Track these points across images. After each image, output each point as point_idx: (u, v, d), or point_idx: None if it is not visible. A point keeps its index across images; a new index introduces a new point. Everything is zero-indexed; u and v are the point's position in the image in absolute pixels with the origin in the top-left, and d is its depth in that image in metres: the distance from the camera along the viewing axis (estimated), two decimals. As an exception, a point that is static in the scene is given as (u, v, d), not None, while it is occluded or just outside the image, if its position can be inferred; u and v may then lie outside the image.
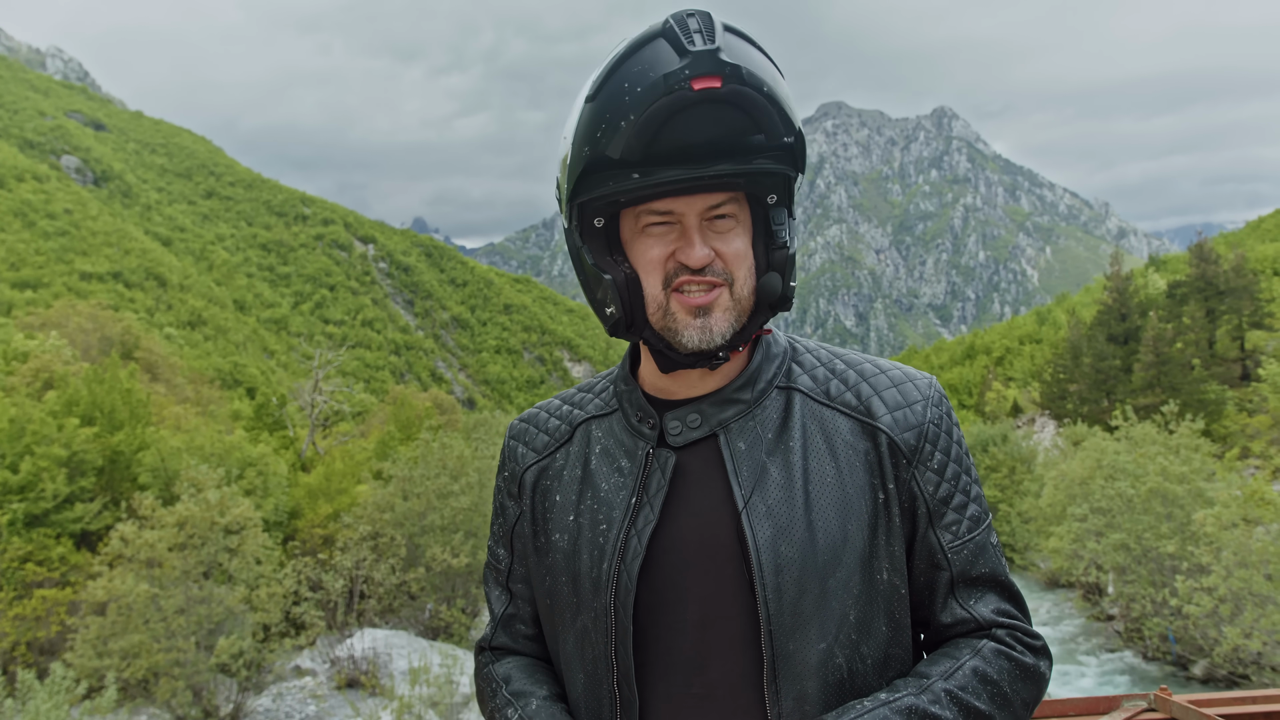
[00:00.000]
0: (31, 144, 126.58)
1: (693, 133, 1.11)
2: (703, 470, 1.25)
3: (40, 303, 58.33)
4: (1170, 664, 16.28)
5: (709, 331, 1.18)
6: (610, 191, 1.14)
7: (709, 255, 1.17)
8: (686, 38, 1.08)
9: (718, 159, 1.12)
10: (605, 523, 1.25)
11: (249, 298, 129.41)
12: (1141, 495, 16.59)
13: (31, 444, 16.43)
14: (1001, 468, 28.87)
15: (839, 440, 1.25)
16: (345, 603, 18.34)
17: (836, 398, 1.29)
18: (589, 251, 1.21)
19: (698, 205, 1.17)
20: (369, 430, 36.84)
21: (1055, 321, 74.75)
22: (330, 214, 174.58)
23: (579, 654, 1.27)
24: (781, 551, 1.18)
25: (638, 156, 1.12)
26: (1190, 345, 37.25)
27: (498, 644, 1.44)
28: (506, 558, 1.44)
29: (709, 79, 1.07)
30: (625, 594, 1.21)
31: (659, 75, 1.08)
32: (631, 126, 1.10)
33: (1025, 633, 1.26)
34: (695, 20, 1.10)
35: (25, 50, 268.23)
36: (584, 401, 1.41)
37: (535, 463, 1.39)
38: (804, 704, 1.17)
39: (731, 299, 1.19)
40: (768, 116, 1.11)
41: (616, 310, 1.21)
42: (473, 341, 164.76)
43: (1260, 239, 63.70)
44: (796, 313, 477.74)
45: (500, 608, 1.44)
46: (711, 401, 1.28)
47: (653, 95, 1.08)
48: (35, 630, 14.30)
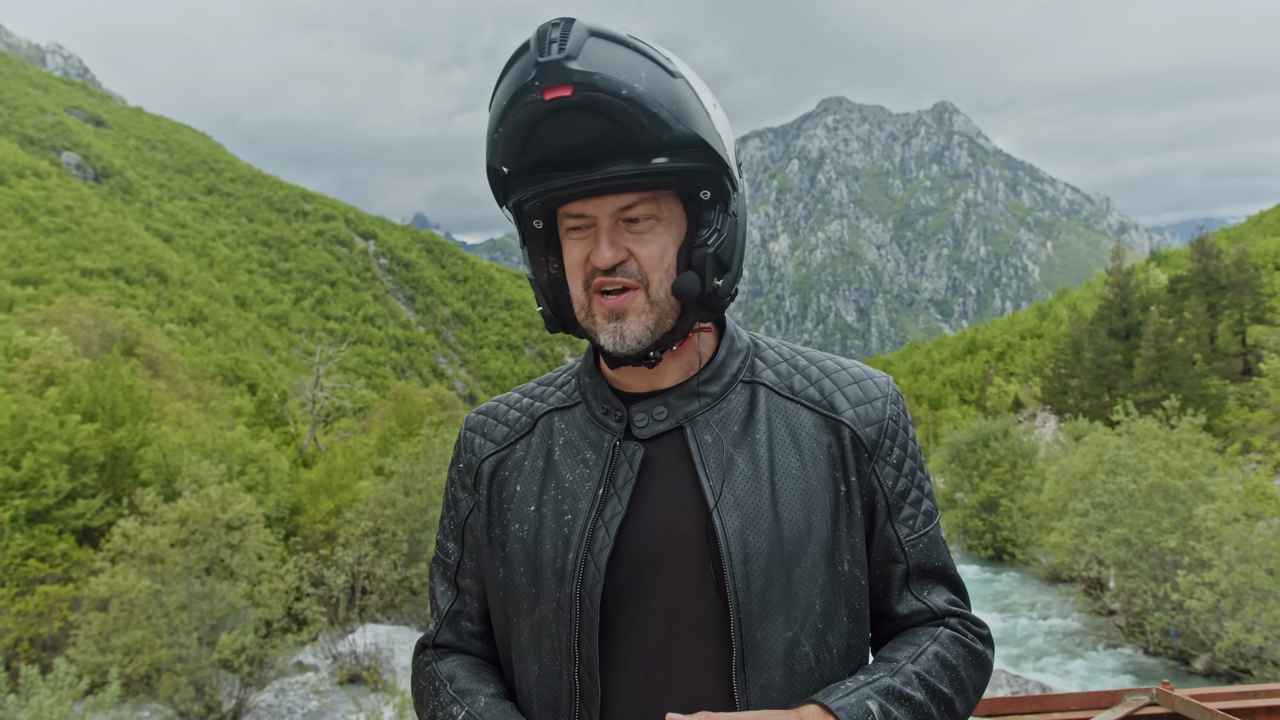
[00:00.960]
0: (32, 140, 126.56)
1: (557, 141, 1.12)
2: (670, 462, 1.27)
3: (41, 299, 58.35)
4: (1172, 659, 16.29)
5: (620, 335, 1.20)
6: (519, 198, 1.20)
7: (618, 256, 1.18)
8: (541, 49, 1.09)
9: (615, 160, 1.13)
10: (570, 513, 1.25)
11: (250, 294, 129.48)
12: (1143, 490, 16.58)
13: (33, 440, 16.45)
14: (1003, 463, 28.83)
15: (803, 433, 1.28)
16: (347, 598, 18.37)
17: (800, 392, 1.32)
18: (527, 253, 1.27)
19: (608, 207, 1.18)
20: (370, 426, 36.86)
21: (1056, 316, 74.72)
22: (331, 210, 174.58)
23: (534, 646, 1.26)
24: (749, 541, 1.20)
25: (514, 165, 1.16)
26: (1191, 340, 37.22)
27: (442, 641, 1.40)
28: (456, 552, 1.41)
29: (559, 88, 1.08)
30: (593, 584, 1.21)
31: (517, 88, 1.10)
32: (502, 139, 1.14)
33: (974, 622, 1.32)
34: (556, 29, 1.10)
35: (25, 46, 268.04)
36: (545, 394, 1.42)
37: (493, 454, 1.38)
38: (770, 692, 1.18)
39: (648, 301, 1.20)
40: (629, 118, 1.10)
41: (546, 309, 1.27)
42: (474, 337, 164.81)
43: (1262, 234, 63.66)
44: (797, 308, 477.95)
45: (446, 604, 1.41)
46: (678, 394, 1.29)
47: (513, 108, 1.11)
48: (38, 626, 14.33)
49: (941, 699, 1.21)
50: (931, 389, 79.06)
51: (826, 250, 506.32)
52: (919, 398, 75.27)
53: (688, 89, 1.15)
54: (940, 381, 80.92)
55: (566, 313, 1.26)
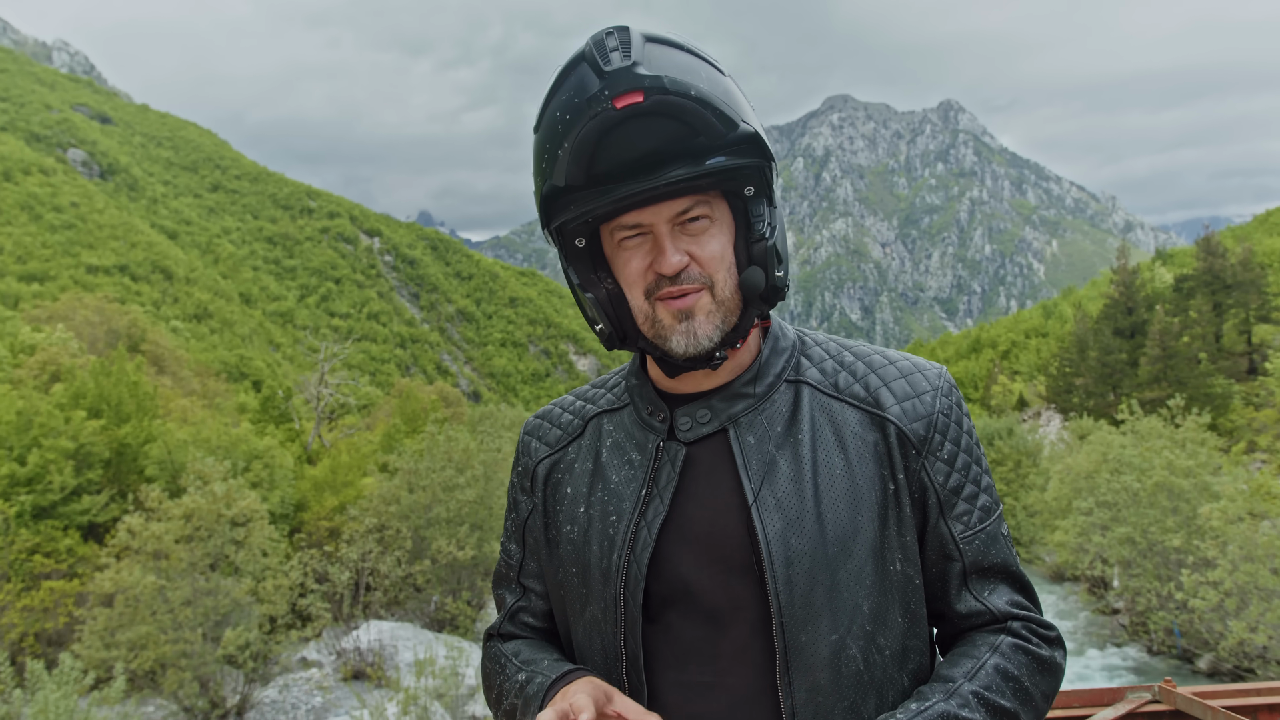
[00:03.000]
0: (38, 137, 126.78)
1: (628, 149, 1.12)
2: (712, 464, 1.27)
3: (47, 296, 58.49)
4: (1175, 658, 16.27)
5: (693, 336, 1.20)
6: (573, 215, 1.17)
7: (682, 262, 1.18)
8: (603, 58, 1.10)
9: (669, 165, 1.13)
10: (615, 514, 1.27)
11: (255, 291, 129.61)
12: (1147, 489, 16.55)
13: (39, 436, 16.50)
14: (1007, 461, 28.83)
15: (848, 432, 1.27)
16: (351, 595, 18.40)
17: (845, 390, 1.30)
18: (574, 273, 1.25)
19: (665, 213, 1.18)
20: (375, 423, 36.92)
21: (1061, 315, 74.53)
22: (336, 207, 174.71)
23: (588, 644, 1.30)
24: (792, 544, 1.19)
25: (581, 180, 1.14)
26: (1197, 339, 37.12)
27: (505, 631, 1.46)
28: (518, 553, 1.46)
29: (630, 95, 1.08)
30: (635, 584, 1.23)
31: (583, 100, 1.10)
32: (567, 154, 1.12)
33: (1040, 624, 1.27)
34: (613, 38, 1.11)
35: (32, 44, 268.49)
36: (596, 396, 1.44)
37: (547, 456, 1.42)
38: (817, 695, 1.18)
39: (714, 301, 1.21)
40: (700, 119, 1.11)
41: (606, 326, 1.25)
42: (478, 335, 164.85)
43: (1268, 233, 63.40)
44: (802, 306, 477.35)
45: (511, 599, 1.46)
46: (721, 396, 1.29)
47: (579, 120, 1.10)
48: (43, 621, 14.37)
49: (1003, 715, 1.18)
50: (936, 387, 78.79)
51: (831, 248, 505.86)
52: (923, 396, 75.01)
53: (735, 86, 1.18)
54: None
55: (627, 326, 1.25)
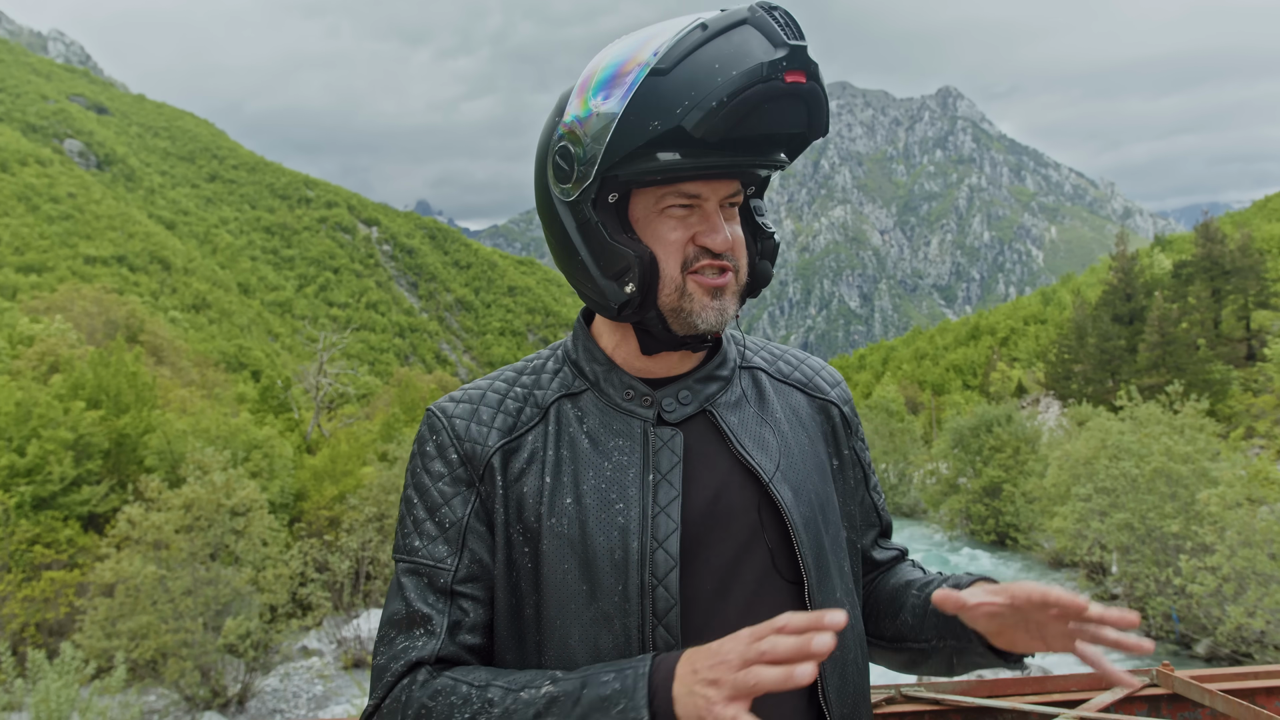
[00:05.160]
0: (34, 128, 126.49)
1: (769, 123, 1.11)
2: (702, 445, 1.26)
3: (45, 286, 58.48)
4: (1174, 643, 16.32)
5: (723, 314, 1.21)
6: (669, 165, 1.13)
7: (729, 240, 1.20)
8: (783, 29, 1.09)
9: (775, 148, 1.17)
10: (621, 501, 1.21)
11: (253, 281, 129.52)
12: (1146, 475, 16.58)
13: (38, 427, 16.51)
14: (1006, 448, 28.80)
15: (801, 413, 1.37)
16: (351, 584, 18.44)
17: (789, 376, 1.41)
18: (604, 226, 1.19)
19: (721, 191, 1.19)
20: (374, 412, 36.93)
21: (1060, 302, 74.62)
22: (334, 197, 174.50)
23: (588, 646, 1.17)
24: (803, 513, 1.25)
25: (717, 138, 1.10)
26: (1195, 325, 37.16)
27: (446, 655, 1.18)
28: (450, 557, 1.22)
29: (798, 74, 1.08)
30: (665, 570, 1.17)
31: (756, 62, 1.07)
32: (722, 108, 1.07)
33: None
34: (780, 13, 1.11)
35: (27, 34, 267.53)
36: (541, 382, 1.33)
37: (502, 444, 1.26)
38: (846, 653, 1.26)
39: (737, 284, 1.23)
40: (822, 116, 1.15)
41: (635, 289, 1.19)
42: (477, 324, 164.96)
43: (1266, 218, 63.40)
44: (800, 294, 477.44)
45: (443, 617, 1.20)
46: (697, 379, 1.30)
47: (749, 80, 1.07)
48: (44, 611, 14.41)
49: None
50: (935, 374, 79.04)
51: (830, 236, 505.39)
52: (922, 383, 75.29)
53: None
54: (943, 367, 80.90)
55: (651, 294, 1.20)
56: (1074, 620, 1.11)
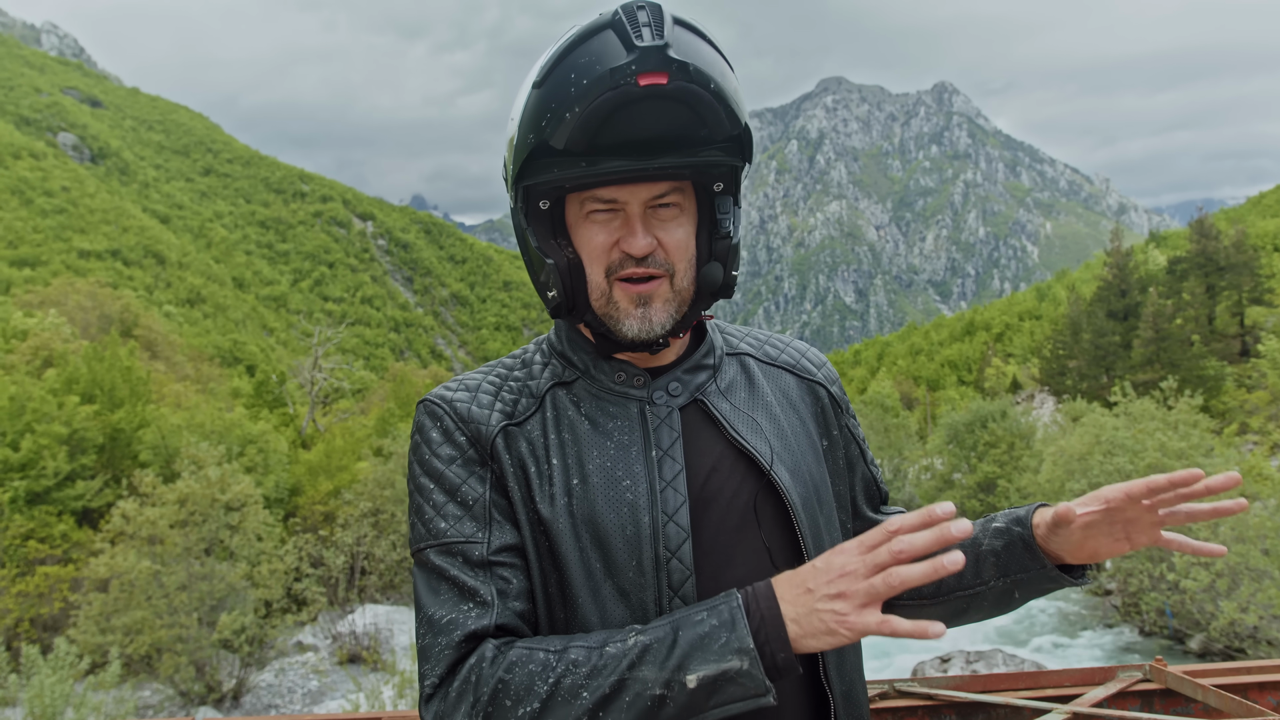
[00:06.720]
0: (28, 121, 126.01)
1: (637, 128, 1.11)
2: (694, 433, 1.27)
3: (39, 280, 58.30)
4: (1167, 638, 16.38)
5: (649, 322, 1.20)
6: (555, 178, 1.15)
7: (651, 244, 1.18)
8: (635, 31, 1.07)
9: (664, 151, 1.13)
10: (628, 478, 1.21)
11: (248, 275, 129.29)
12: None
13: (32, 422, 16.47)
14: (1000, 444, 28.84)
15: (792, 395, 1.38)
16: (346, 579, 18.44)
17: (776, 359, 1.41)
18: (533, 234, 1.22)
19: (641, 194, 1.18)
20: (369, 407, 36.88)
21: (1055, 298, 74.76)
22: (329, 191, 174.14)
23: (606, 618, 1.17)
24: (801, 495, 1.25)
25: (581, 148, 1.12)
26: (1190, 321, 37.27)
27: (505, 623, 1.15)
28: (480, 533, 1.20)
29: (655, 75, 1.07)
30: (678, 543, 1.18)
31: (605, 69, 1.07)
32: (576, 119, 1.09)
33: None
34: (645, 13, 1.09)
35: (20, 26, 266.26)
36: (534, 373, 1.33)
37: (504, 426, 1.25)
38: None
39: (672, 290, 1.21)
40: (713, 113, 1.11)
41: (558, 294, 1.21)
42: (472, 318, 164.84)
43: (1261, 215, 63.60)
44: (796, 289, 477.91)
45: (488, 587, 1.16)
46: (684, 369, 1.30)
47: (598, 89, 1.07)
48: (38, 607, 14.39)
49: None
50: (930, 370, 79.16)
51: (825, 231, 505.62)
52: (917, 379, 75.35)
53: (738, 85, 1.18)
54: (938, 363, 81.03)
55: (579, 298, 1.22)
56: (1182, 490, 1.12)
